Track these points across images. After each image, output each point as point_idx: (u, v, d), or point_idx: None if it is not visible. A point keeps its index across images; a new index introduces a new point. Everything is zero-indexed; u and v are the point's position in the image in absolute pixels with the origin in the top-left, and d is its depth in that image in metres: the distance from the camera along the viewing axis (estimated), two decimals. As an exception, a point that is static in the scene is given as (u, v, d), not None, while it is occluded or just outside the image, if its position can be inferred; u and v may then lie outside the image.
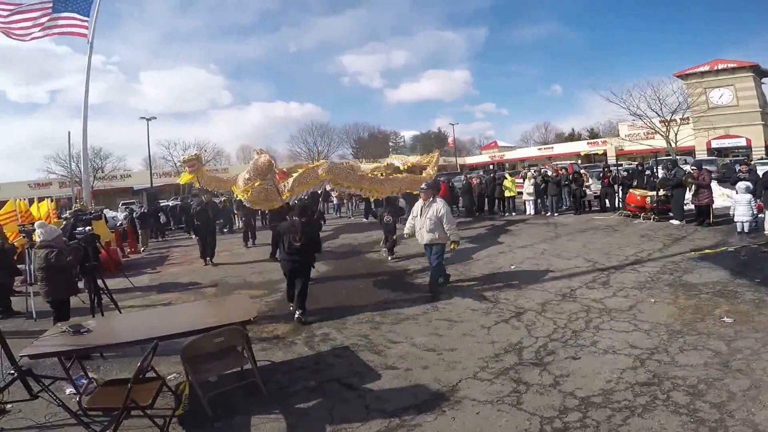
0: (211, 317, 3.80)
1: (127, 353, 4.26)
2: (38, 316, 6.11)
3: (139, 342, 3.43)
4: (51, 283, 4.63)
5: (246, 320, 3.59)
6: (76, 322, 3.73)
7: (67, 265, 4.70)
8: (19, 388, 3.45)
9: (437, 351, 4.29)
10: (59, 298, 4.74)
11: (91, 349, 3.54)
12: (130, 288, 7.97)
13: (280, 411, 3.34)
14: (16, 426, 3.33)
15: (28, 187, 33.64)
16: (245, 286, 7.58)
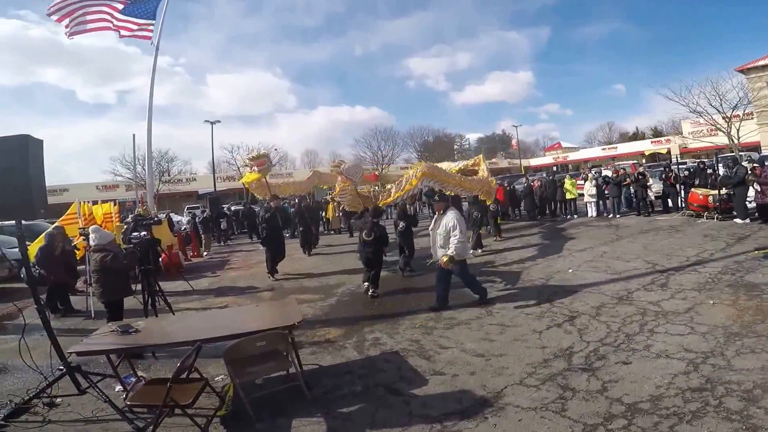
0: (256, 321, 3.77)
1: (179, 354, 4.27)
2: (96, 315, 6.39)
3: (182, 344, 3.44)
4: (105, 284, 4.80)
5: (290, 325, 3.52)
6: (125, 323, 3.81)
7: (123, 268, 4.85)
8: (69, 383, 3.61)
9: (486, 356, 4.06)
10: (112, 300, 4.90)
11: (136, 349, 3.60)
12: (189, 291, 8.28)
13: (322, 415, 3.23)
14: (64, 419, 3.43)
15: (96, 189, 34.12)
16: (301, 291, 7.58)
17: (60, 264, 7.19)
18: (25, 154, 3.54)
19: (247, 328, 3.47)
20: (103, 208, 11.29)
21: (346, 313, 6.01)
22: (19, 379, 4.32)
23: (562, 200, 14.80)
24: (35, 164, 3.69)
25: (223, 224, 16.91)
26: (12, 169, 3.45)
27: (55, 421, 3.39)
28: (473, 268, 8.05)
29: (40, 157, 3.80)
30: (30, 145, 3.65)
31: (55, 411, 3.55)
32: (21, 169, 3.52)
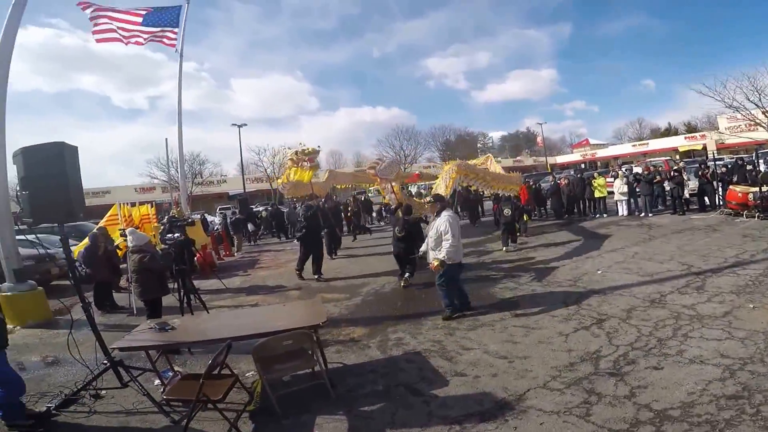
0: (283, 320, 3.85)
1: (213, 349, 4.44)
2: (138, 311, 6.68)
3: (214, 341, 3.58)
4: (144, 284, 5.03)
5: (315, 324, 3.60)
6: (163, 321, 3.99)
7: (159, 268, 5.08)
8: (113, 377, 3.80)
9: (509, 359, 4.01)
10: (151, 298, 5.13)
11: (172, 346, 3.77)
12: (222, 289, 8.55)
13: (344, 413, 3.30)
14: (108, 410, 3.63)
15: (134, 191, 35.46)
16: (327, 290, 7.68)
17: (103, 263, 7.56)
18: (61, 160, 3.69)
19: (274, 327, 3.57)
20: (141, 210, 11.79)
21: (371, 313, 6.07)
22: (68, 371, 4.59)
23: (591, 198, 14.33)
24: (72, 169, 3.84)
25: (249, 226, 17.17)
26: (50, 174, 3.60)
27: (100, 412, 3.60)
28: (500, 267, 8.11)
29: (75, 162, 3.94)
30: (66, 152, 3.81)
31: (100, 402, 3.76)
32: (59, 175, 3.66)
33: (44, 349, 5.46)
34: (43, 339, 6.04)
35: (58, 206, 3.67)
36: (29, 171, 3.60)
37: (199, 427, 3.16)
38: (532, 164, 51.43)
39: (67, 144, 3.80)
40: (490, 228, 13.37)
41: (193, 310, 5.76)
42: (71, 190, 3.76)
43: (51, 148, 3.66)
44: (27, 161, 3.60)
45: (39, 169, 3.58)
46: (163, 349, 3.68)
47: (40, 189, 3.54)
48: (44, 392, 4.03)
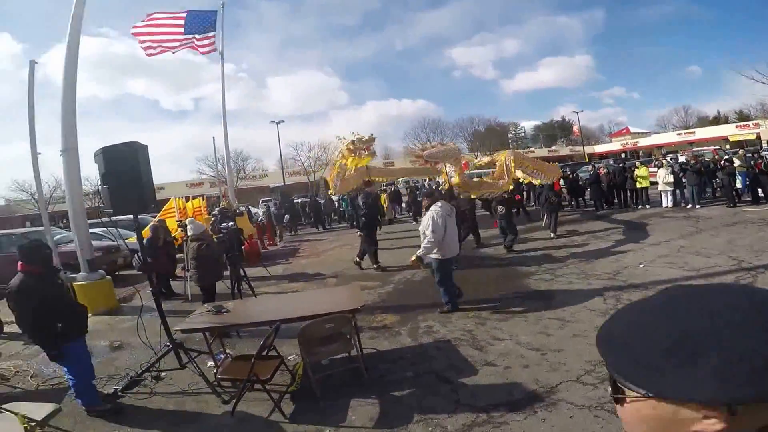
0: (324, 304, 4.03)
1: (257, 333, 4.71)
2: (192, 298, 7.09)
3: (266, 323, 3.81)
4: (201, 270, 5.38)
5: (354, 309, 3.77)
6: (219, 304, 4.28)
7: (214, 255, 5.44)
8: (171, 359, 4.08)
9: (542, 351, 3.99)
10: (207, 284, 5.47)
11: (228, 327, 4.04)
12: (266, 276, 8.98)
13: (376, 397, 3.43)
14: (166, 391, 3.91)
15: (185, 187, 37.47)
16: (362, 278, 7.86)
17: (163, 253, 8.08)
18: (134, 157, 4.05)
19: (317, 311, 3.75)
20: (194, 203, 12.51)
21: (403, 301, 6.19)
22: (130, 355, 4.94)
23: (633, 189, 13.59)
24: (144, 166, 4.20)
25: (286, 218, 17.51)
26: (125, 170, 3.96)
27: (159, 393, 3.90)
28: (537, 258, 7.95)
29: (147, 159, 4.31)
30: (138, 150, 4.17)
31: (159, 384, 4.07)
32: (132, 170, 4.02)
33: (111, 334, 5.89)
34: (110, 325, 6.51)
35: (133, 199, 3.99)
36: (108, 168, 3.95)
37: (245, 408, 3.39)
38: (568, 154, 49.35)
39: (139, 143, 4.13)
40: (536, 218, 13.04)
41: (242, 296, 6.11)
42: (143, 183, 4.07)
43: (125, 147, 3.99)
44: (106, 159, 3.95)
45: (116, 166, 3.91)
46: (219, 331, 3.94)
47: (118, 184, 3.87)
48: (111, 375, 4.34)
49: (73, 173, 7.11)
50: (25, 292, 3.16)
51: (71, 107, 7.02)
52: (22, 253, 3.32)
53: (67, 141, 7.00)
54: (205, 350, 3.99)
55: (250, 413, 3.33)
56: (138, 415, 3.57)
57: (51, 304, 3.21)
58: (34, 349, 5.09)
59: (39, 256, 3.33)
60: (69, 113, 6.99)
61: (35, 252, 3.33)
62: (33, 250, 3.34)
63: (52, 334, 3.19)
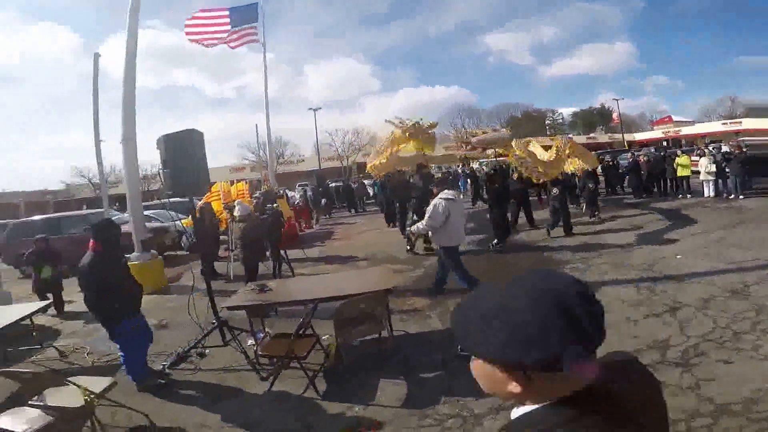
0: (358, 285, 4.16)
1: (292, 313, 4.85)
2: (234, 278, 7.29)
3: (305, 302, 4.02)
4: (245, 250, 5.65)
5: (386, 289, 3.89)
6: (262, 282, 4.50)
7: (259, 236, 5.65)
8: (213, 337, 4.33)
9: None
10: (251, 264, 5.76)
11: (270, 305, 4.21)
12: (303, 258, 9.27)
13: (404, 378, 3.55)
14: (210, 367, 4.12)
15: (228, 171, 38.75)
16: (392, 261, 7.99)
17: (208, 235, 8.40)
18: (191, 143, 4.30)
19: (351, 291, 3.90)
20: (237, 187, 13.06)
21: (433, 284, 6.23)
22: (176, 333, 5.11)
23: (673, 178, 12.95)
24: (200, 151, 4.44)
25: (323, 202, 17.84)
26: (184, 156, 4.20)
27: (204, 370, 4.11)
28: (570, 247, 7.73)
29: (202, 145, 4.53)
30: (194, 136, 4.41)
31: (204, 360, 4.28)
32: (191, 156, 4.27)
33: (159, 313, 6.08)
34: (158, 304, 6.81)
35: (189, 182, 4.26)
36: (168, 153, 4.22)
37: (281, 385, 3.59)
38: (607, 141, 47.26)
39: (196, 131, 4.40)
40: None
41: (282, 276, 6.40)
42: (199, 168, 4.33)
43: (183, 133, 4.24)
44: (167, 145, 4.23)
45: (175, 152, 4.18)
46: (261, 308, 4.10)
47: (176, 168, 4.14)
48: (159, 352, 4.46)
49: (131, 161, 7.56)
50: (93, 269, 3.40)
51: (131, 99, 7.39)
52: (94, 232, 3.57)
53: (127, 131, 7.39)
54: (246, 329, 4.24)
55: (286, 390, 3.54)
56: (183, 390, 3.83)
57: (114, 283, 3.45)
58: (92, 327, 5.50)
59: (107, 235, 3.55)
60: (129, 105, 7.37)
61: (104, 231, 3.57)
62: (103, 228, 3.59)
63: (112, 312, 3.45)
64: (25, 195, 36.36)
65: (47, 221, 11.72)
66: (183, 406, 3.56)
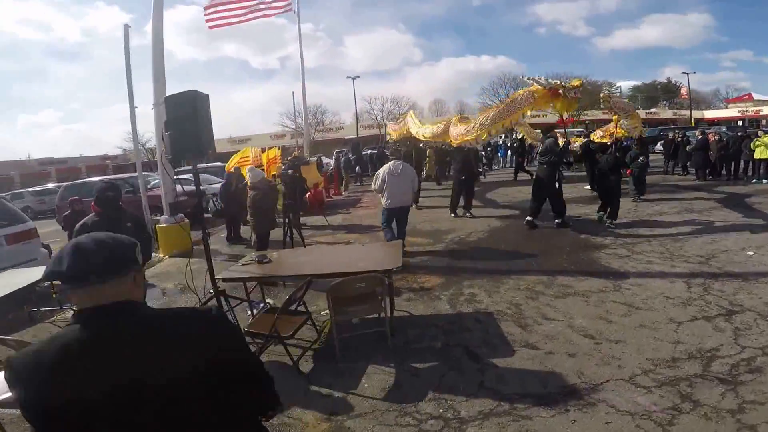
0: (362, 262, 3.84)
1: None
2: (255, 244, 6.98)
3: (297, 276, 3.73)
4: (255, 218, 5.43)
5: (388, 269, 3.53)
6: (263, 254, 4.24)
7: (269, 204, 5.37)
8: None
9: (596, 339, 3.42)
10: (261, 231, 5.55)
11: (265, 278, 3.97)
12: (325, 225, 9.12)
13: (395, 365, 3.21)
14: None
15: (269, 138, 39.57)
16: (411, 233, 7.40)
17: (235, 199, 8.33)
18: (193, 105, 3.98)
19: (351, 268, 3.58)
20: (270, 153, 13.02)
21: (451, 262, 5.82)
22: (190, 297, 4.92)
23: (749, 160, 11.29)
24: (203, 114, 4.10)
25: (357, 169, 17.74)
26: (184, 117, 3.91)
27: None
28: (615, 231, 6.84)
29: (206, 108, 4.13)
30: (197, 99, 4.07)
31: None
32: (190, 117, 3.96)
33: (178, 277, 5.94)
34: (179, 268, 6.64)
35: (190, 145, 3.98)
36: (170, 115, 3.96)
37: (268, 359, 3.30)
38: (670, 117, 43.04)
39: (199, 92, 4.07)
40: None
41: (295, 245, 6.17)
42: (202, 130, 4.02)
43: (185, 94, 3.93)
44: (168, 106, 3.96)
45: (177, 113, 3.91)
46: (258, 281, 3.95)
47: (178, 130, 3.90)
48: None
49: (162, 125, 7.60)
50: (83, 229, 3.30)
51: (160, 68, 7.51)
52: (95, 196, 3.55)
53: (158, 96, 7.45)
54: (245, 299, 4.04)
55: (271, 368, 3.27)
56: None
57: None
58: None
59: (105, 198, 3.50)
60: (159, 73, 7.50)
61: (103, 193, 3.52)
62: (99, 191, 3.54)
63: None
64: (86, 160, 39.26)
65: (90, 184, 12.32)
66: None
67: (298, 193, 9.25)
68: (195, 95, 4.02)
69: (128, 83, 7.97)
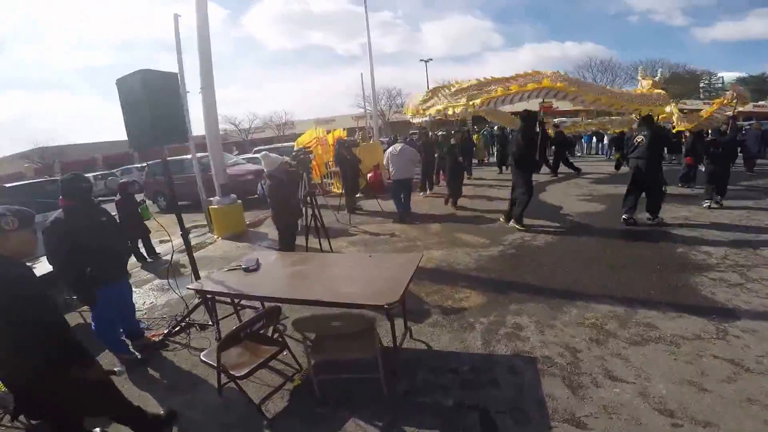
0: (351, 287, 2.87)
1: None
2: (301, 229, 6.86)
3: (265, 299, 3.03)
4: (273, 209, 4.71)
5: (378, 305, 2.52)
6: (255, 258, 3.56)
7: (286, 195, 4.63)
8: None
9: (675, 417, 2.28)
10: (280, 225, 4.80)
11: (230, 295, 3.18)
12: (376, 211, 8.48)
13: (383, 426, 2.41)
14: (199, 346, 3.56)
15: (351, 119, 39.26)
16: (466, 230, 6.52)
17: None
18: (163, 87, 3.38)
19: (334, 295, 2.72)
20: (334, 134, 12.64)
21: (502, 274, 4.69)
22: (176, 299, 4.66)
23: None
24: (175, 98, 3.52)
25: None
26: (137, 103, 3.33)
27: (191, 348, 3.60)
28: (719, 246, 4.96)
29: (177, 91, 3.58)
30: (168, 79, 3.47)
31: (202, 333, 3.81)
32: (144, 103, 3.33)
33: (222, 262, 5.75)
34: (225, 251, 6.68)
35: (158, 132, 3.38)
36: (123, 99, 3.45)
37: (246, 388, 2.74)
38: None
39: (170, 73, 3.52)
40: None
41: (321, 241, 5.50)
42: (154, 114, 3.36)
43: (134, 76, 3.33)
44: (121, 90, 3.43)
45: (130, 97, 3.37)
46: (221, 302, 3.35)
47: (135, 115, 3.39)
48: None
49: (210, 107, 7.50)
50: (57, 227, 2.94)
51: (207, 52, 7.35)
52: (61, 187, 3.08)
53: (205, 80, 7.39)
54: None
55: (239, 399, 2.70)
56: (153, 370, 3.35)
57: (83, 244, 2.94)
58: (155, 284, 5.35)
59: (74, 190, 3.05)
60: (205, 57, 7.34)
61: (69, 185, 3.05)
62: (68, 182, 3.06)
63: (81, 276, 2.97)
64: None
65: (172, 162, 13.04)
66: (139, 391, 3.06)
67: (351, 175, 8.70)
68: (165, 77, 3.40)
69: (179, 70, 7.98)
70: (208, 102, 7.44)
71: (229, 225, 7.83)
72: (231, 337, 2.38)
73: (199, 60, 7.30)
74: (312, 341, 2.64)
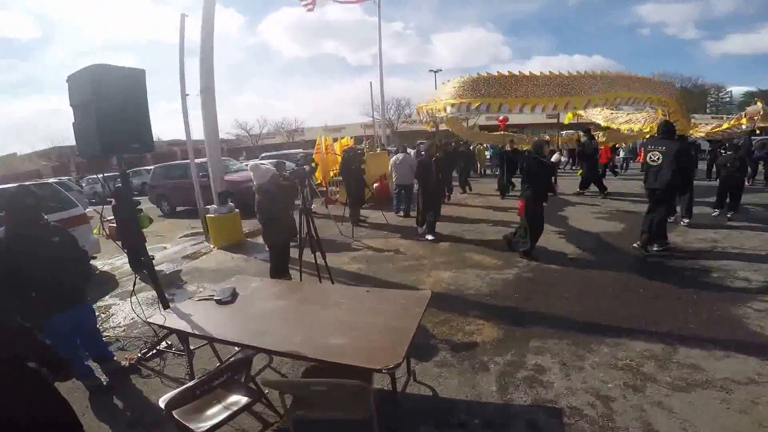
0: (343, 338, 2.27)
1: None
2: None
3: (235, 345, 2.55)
4: (263, 225, 4.24)
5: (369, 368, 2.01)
6: (231, 288, 3.04)
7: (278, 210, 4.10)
8: None
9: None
10: (271, 243, 4.31)
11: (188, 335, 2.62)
12: (382, 223, 8.01)
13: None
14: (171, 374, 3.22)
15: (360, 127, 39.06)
16: (478, 250, 5.92)
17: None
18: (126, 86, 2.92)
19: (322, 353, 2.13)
20: (342, 142, 12.28)
21: (518, 301, 4.12)
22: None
23: None
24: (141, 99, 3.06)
25: None
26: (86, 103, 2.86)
27: (164, 375, 3.21)
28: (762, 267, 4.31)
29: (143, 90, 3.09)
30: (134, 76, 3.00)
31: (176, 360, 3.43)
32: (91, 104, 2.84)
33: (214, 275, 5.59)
34: (219, 262, 6.29)
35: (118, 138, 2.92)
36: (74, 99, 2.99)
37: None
38: None
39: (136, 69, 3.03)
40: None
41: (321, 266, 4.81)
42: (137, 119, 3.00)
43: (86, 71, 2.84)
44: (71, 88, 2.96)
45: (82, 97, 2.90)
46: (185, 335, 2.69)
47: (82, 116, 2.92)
48: None
49: (209, 110, 7.11)
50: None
51: (208, 53, 7.01)
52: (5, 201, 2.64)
53: (205, 81, 7.00)
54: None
55: None
56: (117, 399, 2.96)
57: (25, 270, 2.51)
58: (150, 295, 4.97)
59: (16, 208, 2.62)
60: (206, 58, 6.99)
61: (12, 199, 2.63)
62: (10, 198, 2.63)
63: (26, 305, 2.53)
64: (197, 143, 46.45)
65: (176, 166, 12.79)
66: (99, 423, 2.66)
67: (355, 186, 8.25)
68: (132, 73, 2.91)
69: (180, 71, 7.62)
70: (208, 104, 7.04)
71: (226, 234, 7.41)
72: (182, 397, 1.88)
73: (200, 61, 6.92)
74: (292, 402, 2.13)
